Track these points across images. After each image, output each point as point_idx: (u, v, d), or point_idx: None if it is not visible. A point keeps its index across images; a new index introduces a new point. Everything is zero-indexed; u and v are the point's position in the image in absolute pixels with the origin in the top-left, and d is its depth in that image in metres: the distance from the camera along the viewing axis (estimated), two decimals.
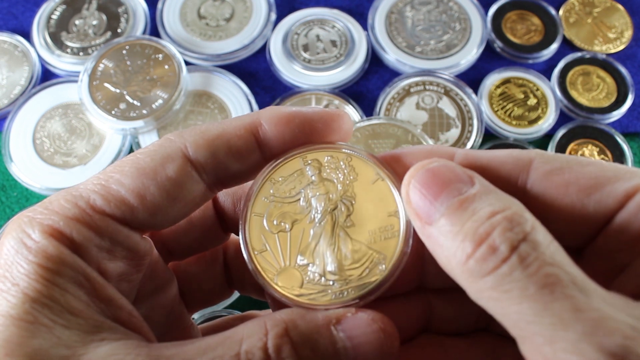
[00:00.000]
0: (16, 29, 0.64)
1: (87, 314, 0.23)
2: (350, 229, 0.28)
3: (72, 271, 0.24)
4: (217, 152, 0.27)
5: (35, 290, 0.23)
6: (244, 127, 0.28)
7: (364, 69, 0.62)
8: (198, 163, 0.27)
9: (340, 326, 0.25)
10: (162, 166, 0.26)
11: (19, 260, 0.23)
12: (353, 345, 0.24)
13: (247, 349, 0.23)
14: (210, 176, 0.27)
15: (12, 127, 0.58)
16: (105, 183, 0.26)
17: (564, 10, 0.66)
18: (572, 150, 0.58)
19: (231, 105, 0.59)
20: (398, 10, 0.65)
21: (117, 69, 0.59)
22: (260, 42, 0.63)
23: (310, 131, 0.28)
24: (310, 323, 0.24)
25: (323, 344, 0.24)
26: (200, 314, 0.48)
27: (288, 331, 0.24)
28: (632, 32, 0.65)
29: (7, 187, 0.57)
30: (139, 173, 0.26)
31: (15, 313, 0.22)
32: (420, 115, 0.59)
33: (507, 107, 0.59)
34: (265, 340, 0.23)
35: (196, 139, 0.27)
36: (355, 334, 0.24)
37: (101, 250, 0.25)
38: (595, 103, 0.60)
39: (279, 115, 0.28)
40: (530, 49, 0.63)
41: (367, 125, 0.55)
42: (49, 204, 0.25)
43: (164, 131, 0.58)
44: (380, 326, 0.25)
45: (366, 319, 0.25)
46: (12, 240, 0.24)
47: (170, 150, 0.27)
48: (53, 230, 0.24)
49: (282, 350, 0.23)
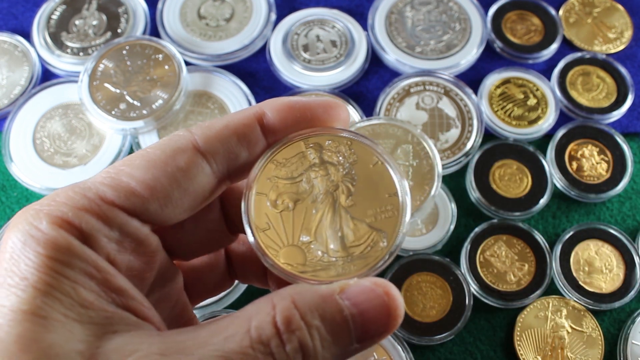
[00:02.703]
0: (16, 29, 0.64)
1: (99, 306, 0.23)
2: (351, 209, 0.29)
3: (82, 262, 0.24)
4: (226, 141, 0.28)
5: (45, 283, 0.22)
6: (248, 117, 0.28)
7: (364, 69, 0.62)
8: (208, 153, 0.27)
9: (344, 295, 0.25)
10: (173, 158, 0.26)
11: (27, 253, 0.23)
12: (359, 312, 0.25)
13: (256, 325, 0.23)
14: (220, 166, 0.28)
15: (12, 127, 0.58)
16: (115, 175, 0.26)
17: (564, 10, 0.66)
18: (572, 150, 0.58)
19: (231, 106, 0.59)
20: (398, 10, 0.65)
21: (117, 69, 0.59)
22: (260, 42, 0.63)
23: (312, 117, 0.29)
24: (316, 294, 0.25)
25: (330, 312, 0.24)
26: (201, 314, 0.48)
27: (295, 303, 0.24)
28: (632, 32, 0.65)
29: (7, 187, 0.57)
30: (149, 165, 0.26)
31: (26, 308, 0.22)
32: (420, 115, 0.59)
33: (507, 107, 0.59)
34: (274, 314, 0.24)
35: (204, 131, 0.28)
36: (360, 300, 0.25)
37: (110, 241, 0.25)
38: (595, 103, 0.60)
39: (281, 103, 0.29)
40: (530, 49, 0.63)
41: (367, 125, 0.55)
42: (55, 196, 0.25)
43: (164, 131, 0.58)
44: (383, 290, 0.25)
45: (369, 285, 0.25)
46: (19, 232, 0.24)
47: (180, 142, 0.27)
48: (61, 220, 0.24)
49: (291, 322, 0.24)
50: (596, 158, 0.57)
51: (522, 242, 0.53)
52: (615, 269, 0.52)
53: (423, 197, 0.53)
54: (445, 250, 0.54)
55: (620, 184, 0.56)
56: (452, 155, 0.57)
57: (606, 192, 0.56)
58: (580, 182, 0.56)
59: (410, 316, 0.50)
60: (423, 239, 0.53)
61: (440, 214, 0.54)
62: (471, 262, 0.52)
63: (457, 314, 0.50)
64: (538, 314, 0.50)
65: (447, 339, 0.49)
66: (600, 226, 0.54)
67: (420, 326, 0.50)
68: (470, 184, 0.56)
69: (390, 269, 0.52)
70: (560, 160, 0.57)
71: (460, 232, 0.54)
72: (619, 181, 0.56)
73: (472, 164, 0.56)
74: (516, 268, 0.52)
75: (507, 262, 0.52)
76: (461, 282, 0.51)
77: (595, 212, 0.56)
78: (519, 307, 0.51)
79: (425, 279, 0.51)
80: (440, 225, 0.54)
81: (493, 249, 0.53)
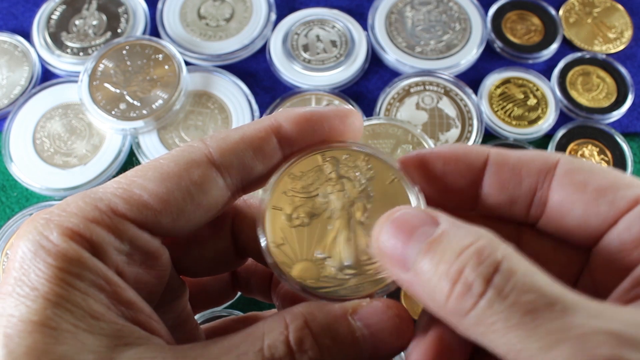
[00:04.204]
0: (16, 29, 0.64)
1: (109, 318, 0.23)
2: (367, 226, 0.28)
3: (93, 274, 0.23)
4: (242, 154, 0.27)
5: (56, 294, 0.22)
6: (264, 129, 0.28)
7: (364, 69, 0.62)
8: (223, 167, 0.27)
9: (356, 315, 0.25)
10: (187, 171, 0.26)
11: (37, 263, 0.23)
12: (371, 333, 0.25)
13: (269, 344, 0.23)
14: (235, 180, 0.27)
15: (12, 127, 0.58)
16: (127, 187, 0.25)
17: (564, 10, 0.66)
18: (572, 150, 0.58)
19: (231, 106, 0.59)
20: (398, 10, 0.65)
21: (117, 69, 0.59)
22: (260, 42, 0.63)
23: (329, 128, 0.29)
24: (329, 314, 0.25)
25: (342, 333, 0.24)
26: (201, 315, 0.48)
27: (308, 323, 0.24)
28: (632, 32, 0.65)
29: (7, 187, 0.57)
30: (162, 178, 0.26)
31: (37, 319, 0.22)
32: (420, 115, 0.59)
33: (507, 107, 0.59)
34: (287, 333, 0.24)
35: (219, 143, 0.27)
36: (372, 322, 0.25)
37: (120, 254, 0.25)
38: (595, 103, 0.60)
39: (297, 115, 0.28)
40: (530, 49, 0.63)
41: (367, 125, 0.55)
42: (66, 205, 0.25)
43: (164, 131, 0.58)
44: (395, 312, 0.25)
45: (381, 307, 0.25)
46: (29, 242, 0.23)
47: (195, 155, 0.26)
48: (72, 232, 0.24)
49: (303, 342, 0.24)
50: (596, 158, 0.57)
51: None
52: None
53: None
54: None
55: None
56: None
57: None
58: None
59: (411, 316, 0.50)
60: None
61: None
62: None
63: None
64: None
65: None
66: None
67: None
68: None
69: None
70: None
71: None
72: None
73: None
74: None
75: None
76: None
77: None
78: None
79: None
80: None
81: None
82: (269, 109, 0.59)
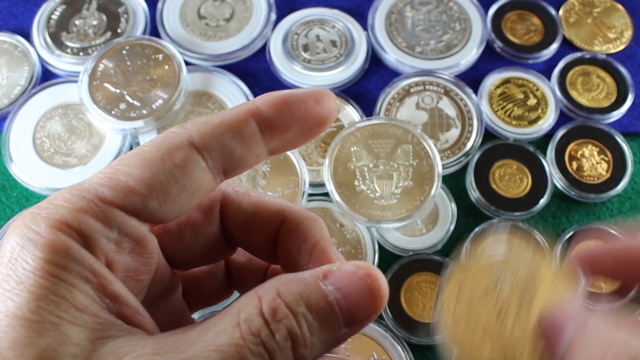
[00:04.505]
0: (16, 29, 0.64)
1: (93, 311, 0.23)
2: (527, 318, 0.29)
3: (79, 266, 0.23)
4: (222, 136, 0.28)
5: (41, 286, 0.22)
6: (242, 112, 0.28)
7: (364, 69, 0.62)
8: (204, 149, 0.27)
9: (327, 280, 0.25)
10: (169, 155, 0.26)
11: (25, 256, 0.23)
12: (343, 295, 0.25)
13: (245, 317, 0.24)
14: (215, 162, 0.28)
15: (12, 127, 0.58)
16: (113, 175, 0.26)
17: (564, 10, 0.66)
18: (572, 150, 0.58)
19: (231, 105, 0.59)
20: (398, 10, 0.65)
21: (117, 69, 0.59)
22: (260, 42, 0.63)
23: (305, 110, 0.29)
24: (300, 282, 0.25)
25: (315, 299, 0.25)
26: (200, 314, 0.48)
27: (280, 294, 0.24)
28: (632, 32, 0.65)
29: (7, 187, 0.57)
30: (146, 163, 0.26)
31: (20, 313, 0.22)
32: (420, 115, 0.59)
33: (507, 107, 0.59)
34: (260, 305, 0.24)
35: (200, 127, 0.28)
36: (343, 284, 0.25)
37: (109, 242, 0.25)
38: (595, 103, 0.60)
39: (275, 97, 0.29)
40: (530, 49, 0.63)
41: (367, 125, 0.55)
42: (53, 199, 0.25)
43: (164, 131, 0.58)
44: (365, 272, 0.25)
45: (350, 269, 0.25)
46: (17, 236, 0.24)
47: (176, 139, 0.27)
48: (60, 223, 0.24)
49: (277, 311, 0.24)
50: (596, 158, 0.57)
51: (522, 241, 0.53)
52: None
53: (423, 197, 0.53)
54: (445, 250, 0.54)
55: (620, 184, 0.56)
56: (452, 155, 0.57)
57: (606, 192, 0.56)
58: (580, 182, 0.56)
59: (410, 316, 0.50)
60: (423, 239, 0.53)
61: (440, 214, 0.54)
62: None
63: None
64: None
65: None
66: (601, 226, 0.54)
67: (420, 326, 0.50)
68: (470, 184, 0.56)
69: (390, 269, 0.52)
70: (560, 160, 0.57)
71: (460, 232, 0.54)
72: (619, 181, 0.56)
73: (472, 164, 0.56)
74: None
75: None
76: None
77: (595, 212, 0.56)
78: None
79: (425, 278, 0.51)
80: (440, 225, 0.54)
81: None
82: None
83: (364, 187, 0.53)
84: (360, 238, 0.53)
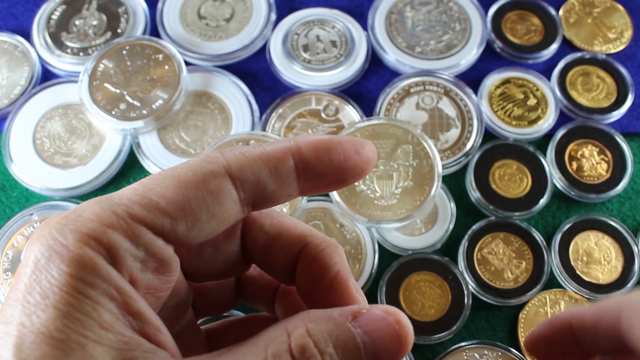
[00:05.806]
0: (16, 29, 0.64)
1: (117, 329, 0.23)
2: None
3: (105, 282, 0.23)
4: (259, 171, 0.27)
5: (67, 303, 0.22)
6: (283, 150, 0.28)
7: (364, 69, 0.62)
8: (239, 181, 0.27)
9: (356, 322, 0.25)
10: (204, 181, 0.26)
11: (51, 270, 0.23)
12: (371, 339, 0.25)
13: (272, 352, 0.24)
14: (247, 195, 0.28)
15: (12, 127, 0.58)
16: (144, 193, 0.25)
17: (564, 10, 0.66)
18: (572, 150, 0.58)
19: (231, 106, 0.59)
20: (398, 10, 0.65)
21: (117, 69, 0.59)
22: (260, 43, 0.63)
23: (344, 157, 0.29)
24: (329, 322, 0.25)
25: (343, 340, 0.25)
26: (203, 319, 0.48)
27: (309, 331, 0.25)
28: (632, 32, 0.65)
29: (7, 187, 0.57)
30: (180, 186, 0.26)
31: (46, 330, 0.22)
32: (420, 115, 0.59)
33: (507, 107, 0.59)
34: (289, 342, 0.24)
35: (239, 157, 0.27)
36: (372, 329, 0.25)
37: (135, 260, 0.25)
38: (595, 103, 0.60)
39: (316, 140, 0.29)
40: (530, 49, 0.63)
41: (367, 126, 0.55)
42: (81, 210, 0.24)
43: (164, 131, 0.58)
44: (394, 318, 0.26)
45: (380, 314, 0.26)
46: (43, 247, 0.23)
47: (213, 166, 0.27)
48: (88, 237, 0.23)
49: (306, 350, 0.24)
50: (596, 158, 0.57)
51: (519, 239, 0.53)
52: (613, 260, 0.53)
53: (423, 197, 0.53)
54: (444, 249, 0.54)
55: (620, 184, 0.56)
56: (452, 155, 0.57)
57: (606, 192, 0.56)
58: (580, 182, 0.56)
59: (409, 315, 0.50)
60: (422, 238, 0.53)
61: (440, 214, 0.54)
62: (469, 260, 0.52)
63: (456, 313, 0.50)
64: (538, 310, 0.50)
65: (446, 338, 0.49)
66: (602, 218, 0.54)
67: (419, 325, 0.50)
68: (470, 184, 0.56)
69: (389, 268, 0.52)
70: (560, 160, 0.57)
71: (459, 231, 0.54)
72: (619, 181, 0.56)
73: (472, 164, 0.56)
74: (513, 265, 0.52)
75: (504, 259, 0.52)
76: (460, 281, 0.51)
77: (595, 212, 0.56)
78: (517, 305, 0.51)
79: (424, 278, 0.51)
80: (439, 225, 0.54)
81: (490, 247, 0.53)
82: (269, 109, 0.59)
83: (364, 187, 0.53)
84: (360, 238, 0.53)
